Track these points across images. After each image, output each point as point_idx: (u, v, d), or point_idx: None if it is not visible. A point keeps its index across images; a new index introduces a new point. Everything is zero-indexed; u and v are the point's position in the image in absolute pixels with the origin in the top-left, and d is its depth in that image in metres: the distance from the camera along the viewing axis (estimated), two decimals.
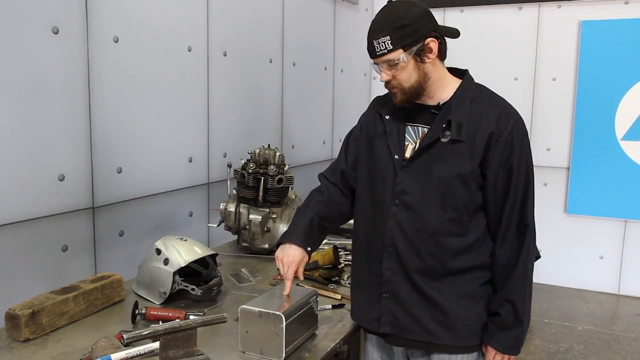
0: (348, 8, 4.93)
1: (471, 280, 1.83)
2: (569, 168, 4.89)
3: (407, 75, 1.78)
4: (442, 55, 1.82)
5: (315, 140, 4.60)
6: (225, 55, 3.34)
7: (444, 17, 5.21)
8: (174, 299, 2.18)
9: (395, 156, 1.84)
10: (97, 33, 2.49)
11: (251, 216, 2.80)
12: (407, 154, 1.84)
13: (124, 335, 1.30)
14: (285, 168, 2.88)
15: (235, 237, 2.97)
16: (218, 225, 2.92)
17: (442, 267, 1.80)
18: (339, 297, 2.27)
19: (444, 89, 1.83)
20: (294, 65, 4.12)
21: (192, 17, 3.08)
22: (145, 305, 2.07)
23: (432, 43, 1.76)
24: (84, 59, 2.45)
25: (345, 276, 2.49)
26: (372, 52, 1.80)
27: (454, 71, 1.91)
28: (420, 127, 1.85)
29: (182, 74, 3.03)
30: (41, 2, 2.24)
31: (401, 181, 1.83)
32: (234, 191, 2.93)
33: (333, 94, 4.77)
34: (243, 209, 2.82)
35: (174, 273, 2.14)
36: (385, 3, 1.83)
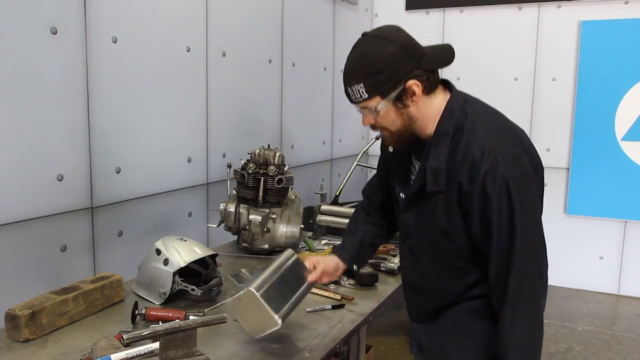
0: (347, 8, 4.93)
1: (475, 304, 1.69)
2: (568, 168, 4.89)
3: (391, 121, 1.60)
4: (430, 88, 1.59)
5: (315, 140, 4.59)
6: (224, 56, 3.34)
7: (443, 17, 5.21)
8: (173, 299, 2.18)
9: (401, 194, 1.75)
10: (95, 33, 2.49)
11: (251, 216, 2.80)
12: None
13: (123, 336, 1.30)
14: (285, 168, 2.88)
15: (235, 237, 2.97)
16: (218, 226, 2.92)
17: (446, 303, 1.74)
18: (338, 297, 2.27)
19: (435, 122, 1.62)
20: (293, 65, 4.11)
21: (191, 17, 3.08)
22: (145, 305, 2.07)
23: (415, 86, 1.54)
24: (82, 59, 2.44)
25: (345, 277, 2.49)
26: (349, 98, 1.64)
27: (446, 84, 1.70)
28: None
29: (181, 74, 3.03)
30: (39, 2, 2.24)
31: (405, 223, 1.75)
32: (234, 191, 2.92)
33: (333, 95, 4.76)
34: (243, 209, 2.81)
35: (174, 273, 2.13)
36: (360, 36, 1.64)
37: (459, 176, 1.53)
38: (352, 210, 3.25)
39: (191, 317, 1.92)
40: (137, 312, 1.97)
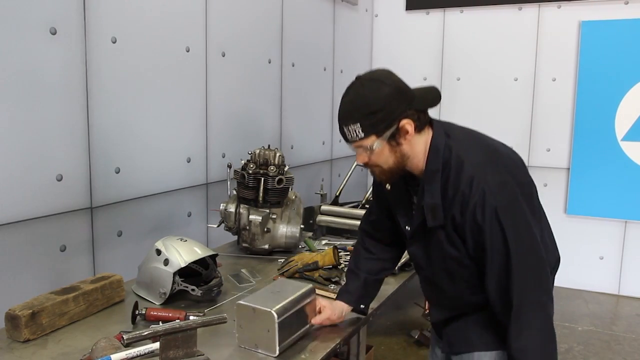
0: (347, 8, 4.93)
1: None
2: (569, 169, 4.89)
3: (384, 159, 1.68)
4: (420, 128, 1.66)
5: (315, 140, 4.59)
6: (223, 56, 3.34)
7: (443, 17, 5.21)
8: (174, 299, 2.18)
9: (407, 227, 1.82)
10: (95, 33, 2.49)
11: (251, 217, 2.79)
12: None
13: (124, 336, 1.30)
14: (286, 169, 2.88)
15: (235, 237, 2.96)
16: (218, 226, 2.92)
17: (468, 311, 1.82)
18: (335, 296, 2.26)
19: (425, 158, 1.70)
20: (293, 65, 4.11)
21: (191, 17, 3.07)
22: (145, 305, 2.06)
23: (408, 125, 1.62)
24: (82, 60, 2.44)
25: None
26: (344, 137, 1.71)
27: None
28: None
29: (180, 75, 3.02)
30: (39, 2, 2.23)
31: (415, 255, 1.84)
32: (234, 192, 2.92)
33: (332, 95, 4.76)
34: (243, 210, 2.81)
35: (174, 273, 2.13)
36: (354, 79, 1.71)
37: (452, 210, 1.62)
38: (353, 210, 3.27)
39: (191, 318, 1.92)
40: (137, 312, 1.97)
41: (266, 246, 2.83)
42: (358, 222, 3.10)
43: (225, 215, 2.85)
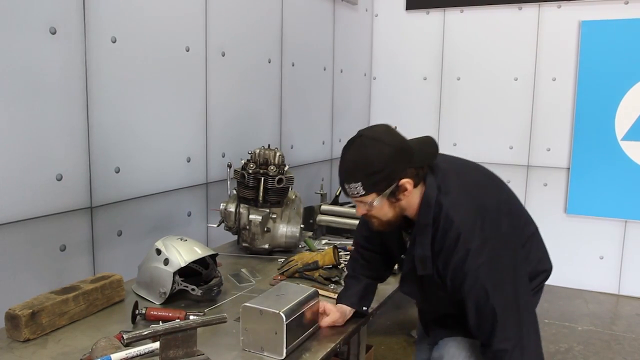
0: (347, 8, 4.93)
1: None
2: (569, 168, 4.88)
3: (383, 213, 1.77)
4: (418, 182, 1.75)
5: (315, 140, 4.59)
6: (223, 56, 3.34)
7: (444, 17, 5.21)
8: (174, 299, 2.18)
9: (402, 255, 1.94)
10: (94, 33, 2.48)
11: (251, 216, 2.79)
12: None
13: (124, 336, 1.30)
14: (286, 168, 2.88)
15: (235, 237, 2.96)
16: (218, 226, 2.92)
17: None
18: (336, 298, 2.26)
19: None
20: (293, 65, 4.11)
21: (190, 17, 3.07)
22: (145, 305, 2.06)
23: (407, 184, 1.70)
24: (81, 59, 2.44)
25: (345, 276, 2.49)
26: (345, 193, 1.78)
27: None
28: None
29: (180, 74, 3.02)
30: (38, 2, 2.23)
31: (407, 292, 1.99)
32: (234, 191, 2.92)
33: (332, 95, 4.76)
34: (243, 209, 2.81)
35: (174, 273, 2.13)
36: (356, 135, 1.77)
37: (438, 262, 1.73)
38: (352, 210, 3.26)
39: (191, 317, 1.92)
40: (137, 312, 1.97)
41: (266, 246, 2.83)
42: (358, 222, 3.12)
43: (225, 215, 2.85)
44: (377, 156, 1.67)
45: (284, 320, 1.71)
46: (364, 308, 2.08)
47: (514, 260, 1.72)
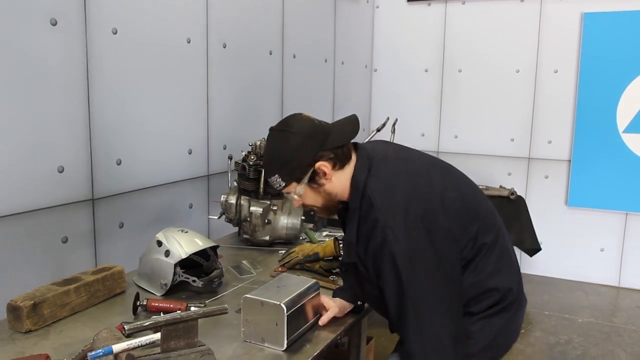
0: (349, 0, 4.91)
1: None
2: (570, 161, 4.88)
3: (313, 200, 1.78)
4: (342, 163, 1.72)
5: None
6: (224, 47, 3.33)
7: (445, 9, 5.19)
8: (175, 290, 2.18)
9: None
10: (95, 24, 2.48)
11: (252, 208, 2.80)
12: None
13: (125, 327, 1.30)
14: None
15: (236, 229, 2.97)
16: (219, 217, 2.92)
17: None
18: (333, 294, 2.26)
19: None
20: (294, 57, 4.10)
21: (191, 8, 3.06)
22: (146, 296, 2.07)
23: (323, 167, 1.69)
24: (82, 51, 2.44)
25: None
26: (274, 187, 1.79)
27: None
28: None
29: (181, 66, 3.02)
30: None
31: (350, 283, 1.97)
32: (235, 183, 2.92)
33: (333, 86, 4.76)
34: (244, 201, 2.82)
35: (175, 265, 2.13)
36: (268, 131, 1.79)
37: (359, 247, 1.69)
38: None
39: (192, 309, 1.93)
40: (138, 303, 1.97)
41: (267, 237, 2.84)
42: None
43: (226, 207, 2.85)
44: (283, 147, 1.71)
45: (285, 311, 1.72)
46: (359, 303, 2.07)
47: (439, 260, 1.61)
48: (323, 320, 1.94)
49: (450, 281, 1.63)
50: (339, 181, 1.73)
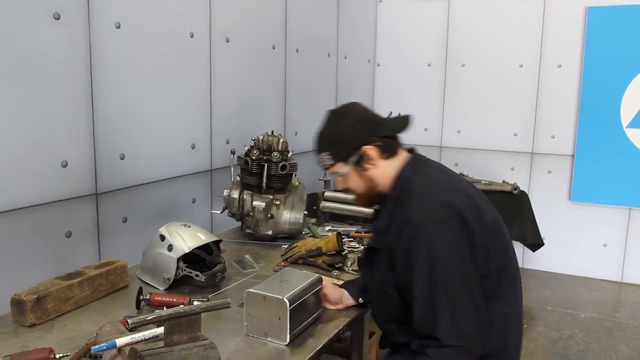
0: None
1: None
2: (573, 156, 4.87)
3: (356, 184, 1.84)
4: (389, 154, 1.80)
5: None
6: (227, 42, 3.33)
7: (448, 3, 5.17)
8: (178, 285, 2.19)
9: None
10: (98, 19, 2.48)
11: (255, 203, 2.80)
12: None
13: (128, 321, 1.30)
14: (289, 155, 2.87)
15: (239, 223, 2.97)
16: (222, 212, 2.92)
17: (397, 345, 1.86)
18: (342, 282, 2.27)
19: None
20: (297, 51, 4.10)
21: (194, 2, 3.06)
22: (149, 291, 2.08)
23: (370, 150, 1.77)
24: (85, 45, 2.44)
25: (349, 263, 2.50)
26: (322, 166, 1.88)
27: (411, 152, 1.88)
28: None
29: (184, 60, 3.02)
30: None
31: (363, 275, 2.02)
32: (238, 178, 2.92)
33: (336, 81, 4.75)
34: (247, 196, 2.82)
35: (178, 259, 2.14)
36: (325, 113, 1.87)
37: (390, 236, 1.70)
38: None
39: (195, 303, 1.93)
40: (141, 297, 1.98)
41: (270, 232, 2.84)
42: (361, 209, 3.12)
43: (228, 201, 2.86)
44: (337, 126, 1.82)
45: (288, 305, 1.72)
46: (360, 300, 2.07)
47: (470, 256, 1.62)
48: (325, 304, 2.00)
49: (475, 282, 1.64)
50: (383, 170, 1.80)
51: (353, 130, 1.79)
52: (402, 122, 1.83)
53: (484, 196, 1.83)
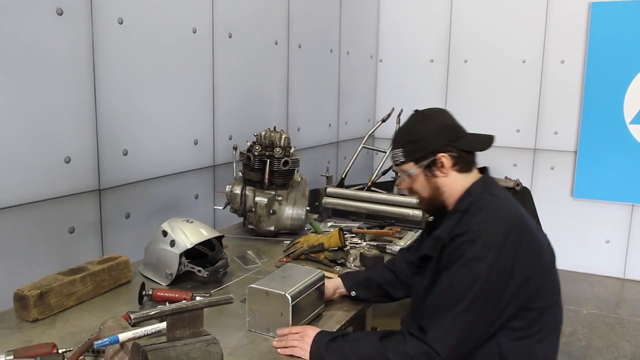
0: None
1: None
2: (576, 152, 4.86)
3: (421, 187, 1.83)
4: (462, 167, 1.77)
5: (321, 123, 4.58)
6: (230, 37, 3.32)
7: (451, 0, 5.16)
8: (180, 280, 2.20)
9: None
10: (101, 14, 2.48)
11: (257, 198, 2.80)
12: None
13: (131, 316, 1.31)
14: (291, 150, 2.88)
15: (241, 219, 2.97)
16: (224, 208, 2.93)
17: None
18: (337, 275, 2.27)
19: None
20: (299, 47, 4.09)
21: None
22: (151, 286, 2.08)
23: (444, 158, 1.75)
24: (88, 41, 2.44)
25: (351, 259, 2.50)
26: (392, 161, 1.88)
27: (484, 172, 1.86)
28: None
29: (187, 56, 3.01)
30: None
31: (412, 283, 1.98)
32: (240, 173, 2.93)
33: (339, 77, 4.74)
34: (249, 192, 2.82)
35: (180, 255, 2.15)
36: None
37: (447, 246, 1.68)
38: (358, 192, 3.27)
39: (198, 298, 1.94)
40: (144, 293, 1.98)
41: (272, 228, 2.85)
42: (363, 204, 3.14)
43: (231, 197, 2.86)
44: (419, 127, 1.80)
45: (290, 301, 1.73)
46: (353, 293, 2.08)
47: (503, 293, 1.60)
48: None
49: (494, 313, 1.62)
50: (452, 181, 1.78)
51: (433, 134, 1.77)
52: (484, 140, 1.80)
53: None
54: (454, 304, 1.59)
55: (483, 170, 1.85)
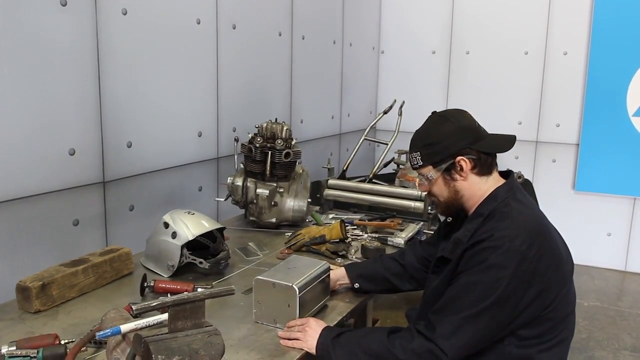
0: None
1: None
2: (578, 144, 4.85)
3: (439, 191, 1.81)
4: (482, 170, 1.75)
5: (324, 115, 4.58)
6: (234, 28, 3.32)
7: None
8: (182, 272, 2.21)
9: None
10: (105, 5, 2.48)
11: (258, 190, 2.81)
12: None
13: (133, 307, 1.32)
14: (293, 142, 2.88)
15: (243, 211, 2.98)
16: (225, 199, 2.93)
17: None
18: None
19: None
20: (303, 38, 4.09)
21: None
22: (153, 278, 2.09)
23: (463, 162, 1.73)
24: (92, 32, 2.44)
25: (353, 250, 2.51)
26: (410, 163, 1.85)
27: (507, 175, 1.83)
28: None
29: (191, 47, 3.01)
30: None
31: (425, 281, 1.96)
32: (242, 165, 2.93)
33: (342, 68, 4.74)
34: (250, 183, 2.83)
35: (182, 246, 2.16)
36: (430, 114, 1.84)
37: (467, 251, 1.66)
38: (360, 184, 3.28)
39: (199, 290, 1.95)
40: (145, 284, 2.00)
41: (273, 220, 2.85)
42: (365, 196, 3.14)
43: (232, 189, 2.87)
44: (437, 129, 1.77)
45: (297, 292, 1.74)
46: (356, 285, 2.09)
47: (518, 301, 1.59)
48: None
49: (506, 319, 1.62)
50: (471, 185, 1.76)
51: (452, 137, 1.74)
52: (505, 141, 1.78)
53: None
54: (468, 307, 1.58)
55: (507, 173, 1.82)
